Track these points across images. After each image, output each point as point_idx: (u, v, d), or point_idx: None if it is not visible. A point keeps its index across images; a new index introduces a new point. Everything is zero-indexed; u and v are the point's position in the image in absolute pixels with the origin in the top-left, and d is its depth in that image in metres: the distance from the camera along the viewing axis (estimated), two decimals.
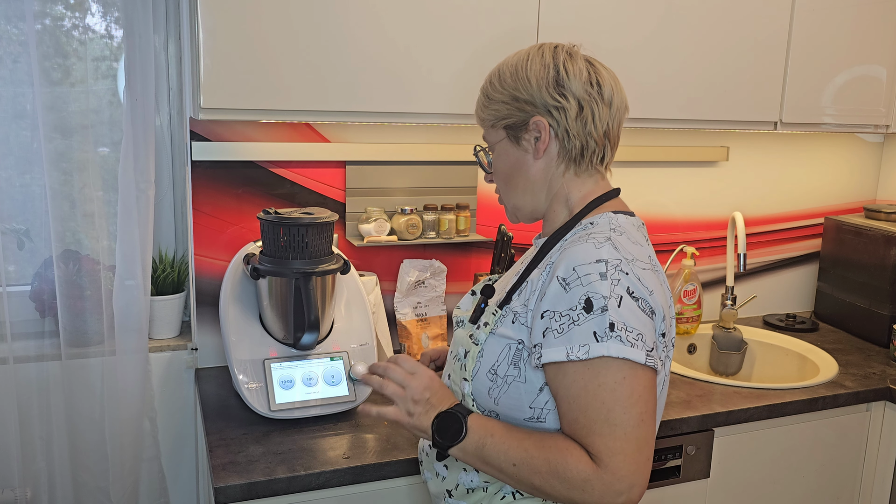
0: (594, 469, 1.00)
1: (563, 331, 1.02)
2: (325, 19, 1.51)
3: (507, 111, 1.15)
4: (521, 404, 1.10)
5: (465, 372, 1.15)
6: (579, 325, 1.01)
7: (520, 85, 1.14)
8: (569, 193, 1.17)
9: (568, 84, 1.11)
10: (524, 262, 1.23)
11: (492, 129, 1.20)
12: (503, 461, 1.06)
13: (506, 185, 1.21)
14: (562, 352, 1.02)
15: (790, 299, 2.53)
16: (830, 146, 2.48)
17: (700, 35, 1.85)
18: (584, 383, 1.01)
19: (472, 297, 1.30)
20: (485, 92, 1.20)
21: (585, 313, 1.01)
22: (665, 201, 2.29)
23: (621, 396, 1.00)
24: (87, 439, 1.79)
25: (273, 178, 1.85)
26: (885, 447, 1.95)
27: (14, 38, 1.73)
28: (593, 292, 1.01)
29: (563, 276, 1.04)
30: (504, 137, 1.18)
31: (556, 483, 1.02)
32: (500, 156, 1.20)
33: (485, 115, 1.20)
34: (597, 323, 1.01)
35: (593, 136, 1.13)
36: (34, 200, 1.78)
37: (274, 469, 1.38)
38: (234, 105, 1.50)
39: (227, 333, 1.62)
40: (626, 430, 1.00)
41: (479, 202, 2.05)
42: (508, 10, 1.64)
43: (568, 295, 1.03)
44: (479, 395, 1.14)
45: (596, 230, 1.10)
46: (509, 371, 1.10)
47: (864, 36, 2.05)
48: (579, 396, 1.02)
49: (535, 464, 1.04)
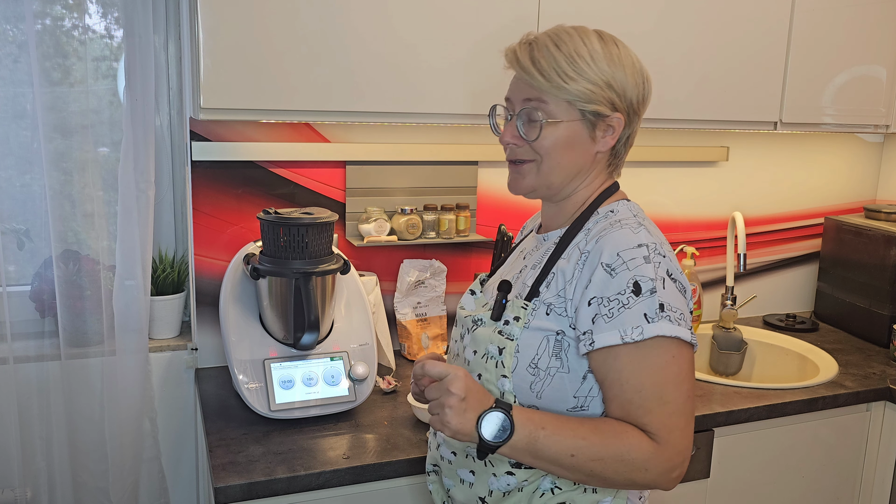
0: (654, 447, 1.03)
1: (614, 315, 1.04)
2: (325, 19, 1.51)
3: (595, 95, 1.10)
4: (565, 395, 1.10)
5: (503, 369, 1.12)
6: (630, 308, 1.04)
7: (616, 74, 1.11)
8: (594, 186, 1.18)
9: (648, 94, 1.16)
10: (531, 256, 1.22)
11: (565, 104, 1.10)
12: (559, 453, 1.04)
13: (551, 160, 1.14)
14: (615, 335, 1.04)
15: (790, 299, 2.53)
16: (830, 146, 2.48)
17: (700, 35, 1.85)
18: (636, 364, 1.04)
19: (473, 296, 1.29)
20: (572, 62, 1.09)
21: (635, 296, 1.04)
22: (665, 201, 2.29)
23: (672, 374, 1.04)
24: (87, 439, 1.79)
25: (273, 178, 1.85)
26: (885, 447, 1.95)
27: (14, 38, 1.73)
28: (640, 275, 1.04)
29: (607, 262, 1.06)
30: (578, 119, 1.11)
31: (618, 467, 1.04)
32: (561, 132, 1.12)
33: (570, 87, 1.09)
34: (647, 305, 1.03)
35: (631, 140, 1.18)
36: (34, 200, 1.78)
37: (274, 469, 1.38)
38: (234, 105, 1.50)
39: (227, 333, 1.62)
40: (678, 406, 1.04)
41: (479, 202, 2.05)
42: (508, 5, 1.64)
43: (615, 280, 1.05)
44: (520, 391, 1.11)
45: (621, 217, 1.13)
46: (551, 363, 1.09)
47: (864, 36, 2.05)
48: (632, 378, 1.04)
49: (595, 450, 1.04)
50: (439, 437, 1.23)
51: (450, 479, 1.22)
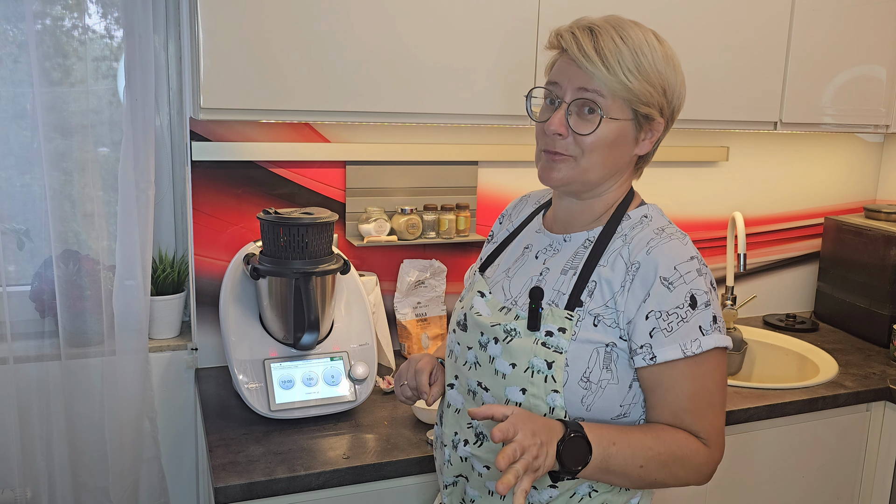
0: (707, 450, 1.08)
1: (673, 329, 1.06)
2: (325, 19, 1.51)
3: (651, 98, 1.08)
4: (613, 405, 1.10)
5: (553, 384, 1.08)
6: (687, 321, 1.06)
7: (670, 78, 1.10)
8: (624, 188, 1.18)
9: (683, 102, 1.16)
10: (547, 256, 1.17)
11: (622, 101, 1.07)
12: (629, 465, 1.05)
13: (594, 155, 1.09)
14: (676, 350, 1.06)
15: (790, 299, 2.53)
16: (830, 146, 2.48)
17: (700, 35, 1.85)
18: (692, 374, 1.07)
19: (484, 298, 1.20)
20: (635, 59, 1.06)
21: (692, 310, 1.06)
22: (665, 201, 2.26)
23: (718, 380, 1.09)
24: (87, 439, 1.79)
25: (273, 178, 1.85)
26: (885, 447, 1.95)
27: (14, 38, 1.73)
28: (696, 289, 1.06)
29: (665, 276, 1.06)
30: (630, 119, 1.09)
31: (679, 471, 1.07)
32: (610, 129, 1.08)
33: (633, 86, 1.06)
34: (702, 318, 1.06)
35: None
36: (34, 200, 1.78)
37: (274, 469, 1.38)
38: (234, 105, 1.50)
39: (227, 333, 1.62)
40: (721, 408, 1.11)
41: (479, 202, 2.05)
42: (508, 5, 1.64)
43: (673, 294, 1.06)
44: (570, 405, 1.08)
45: (661, 225, 1.13)
46: (603, 375, 1.08)
47: (864, 36, 2.05)
48: (686, 386, 1.07)
49: (662, 459, 1.06)
50: (467, 449, 1.17)
51: (476, 491, 1.17)
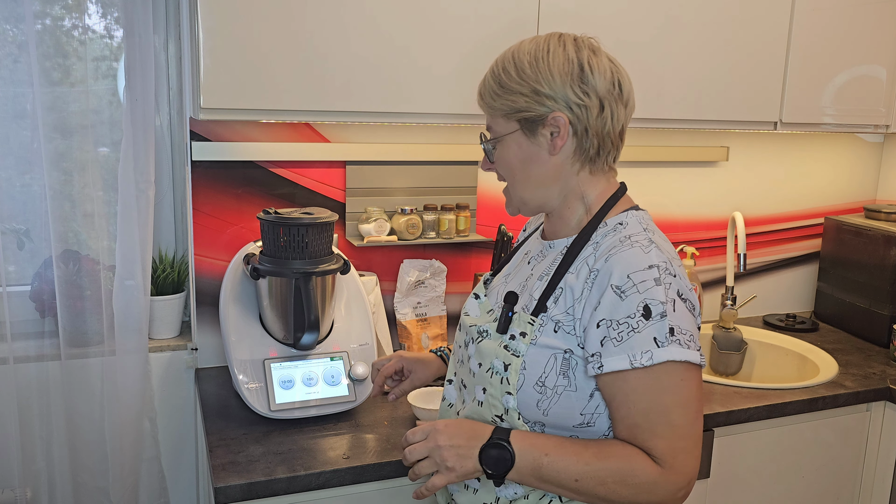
0: (659, 471, 1.03)
1: (623, 339, 1.03)
2: (325, 19, 1.51)
3: (525, 104, 1.10)
4: (572, 412, 1.08)
5: (507, 385, 1.10)
6: (639, 332, 1.02)
7: (541, 77, 1.08)
8: (585, 191, 1.15)
9: (592, 81, 1.09)
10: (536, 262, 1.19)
11: (502, 119, 1.13)
12: (564, 478, 1.05)
13: (513, 177, 1.16)
14: (624, 360, 1.02)
15: (790, 299, 2.53)
16: (830, 146, 2.48)
17: (700, 35, 1.85)
18: (644, 388, 1.03)
19: (478, 301, 1.26)
20: (497, 80, 1.13)
21: (645, 320, 1.02)
22: (665, 201, 2.29)
23: (681, 398, 1.04)
24: (87, 439, 1.79)
25: (273, 178, 1.85)
26: (885, 447, 1.95)
27: (14, 38, 1.73)
28: (651, 299, 1.02)
29: (617, 285, 1.03)
30: (517, 129, 1.12)
31: (622, 490, 1.03)
32: (510, 147, 1.14)
33: (496, 104, 1.13)
34: (657, 329, 1.02)
35: (611, 135, 1.12)
36: (34, 200, 1.77)
37: (274, 469, 1.38)
38: (234, 105, 1.50)
39: (227, 333, 1.62)
40: (685, 429, 1.04)
41: (479, 202, 2.05)
42: (508, 5, 1.64)
43: (625, 303, 1.03)
44: (525, 408, 1.10)
45: (631, 231, 1.09)
46: (559, 381, 1.08)
47: (864, 36, 2.05)
48: (640, 401, 1.03)
49: (601, 475, 1.04)
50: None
51: (454, 485, 1.20)
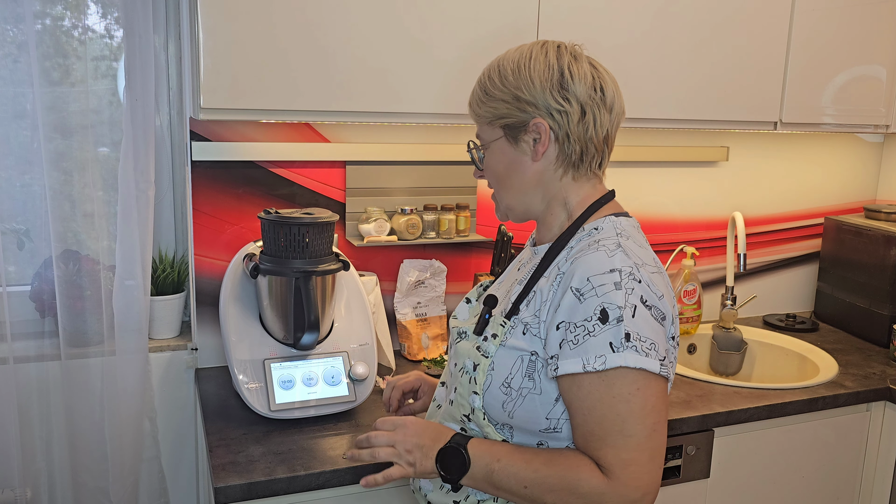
0: (606, 482, 1.02)
1: (579, 342, 1.02)
2: (325, 19, 1.51)
3: (506, 110, 1.12)
4: (537, 416, 1.09)
5: (475, 385, 1.12)
6: (595, 336, 1.01)
7: (522, 84, 1.10)
8: (567, 197, 1.15)
9: (572, 87, 1.09)
10: (523, 269, 1.21)
11: (488, 127, 1.16)
12: (513, 484, 1.07)
13: (499, 184, 1.19)
14: (578, 363, 1.02)
15: (790, 299, 2.53)
16: (830, 146, 2.48)
17: (700, 35, 1.85)
18: (599, 395, 1.02)
19: (468, 305, 1.28)
20: (483, 87, 1.15)
21: (601, 324, 1.01)
22: (665, 201, 2.29)
23: (636, 407, 1.01)
24: (87, 439, 1.79)
25: (273, 178, 1.85)
26: (885, 447, 1.95)
27: (14, 38, 1.73)
28: (608, 303, 1.01)
29: (577, 287, 1.04)
30: (501, 136, 1.14)
31: (571, 500, 1.03)
32: (496, 154, 1.16)
33: (481, 112, 1.16)
34: (613, 333, 1.01)
35: (594, 141, 1.12)
36: (34, 200, 1.77)
37: (274, 469, 1.38)
38: (233, 105, 1.50)
39: (227, 333, 1.62)
40: (639, 441, 1.01)
41: (479, 202, 2.05)
42: (507, 6, 1.64)
43: (583, 306, 1.02)
44: (491, 409, 1.12)
45: (603, 236, 1.09)
46: (524, 383, 1.08)
47: (864, 36, 2.05)
48: (594, 408, 1.02)
49: (549, 482, 1.04)
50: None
51: (428, 483, 1.22)
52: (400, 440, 1.14)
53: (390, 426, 1.17)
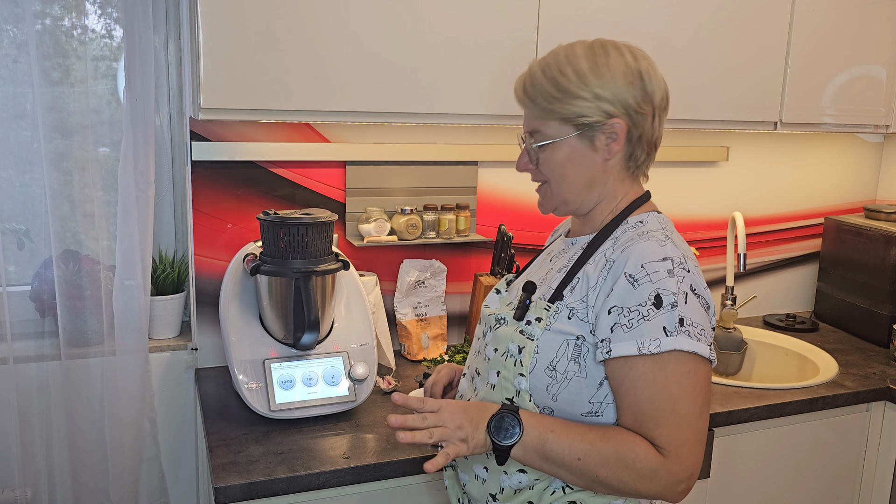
0: (661, 459, 1.04)
1: (633, 326, 1.05)
2: (325, 19, 1.51)
3: (586, 109, 1.11)
4: (581, 399, 1.10)
5: (521, 367, 1.13)
6: (649, 320, 1.04)
7: (605, 83, 1.10)
8: (618, 194, 1.18)
9: (651, 91, 1.12)
10: (557, 259, 1.22)
11: (556, 123, 1.13)
12: (567, 456, 1.07)
13: (562, 179, 1.17)
14: (632, 346, 1.04)
15: (790, 299, 2.53)
16: (830, 146, 2.48)
17: (700, 35, 1.85)
18: (652, 376, 1.05)
19: (498, 295, 1.29)
20: (554, 83, 1.12)
21: (655, 309, 1.05)
22: (665, 201, 2.27)
23: (687, 388, 1.05)
24: (87, 439, 1.79)
25: (273, 178, 1.85)
26: (885, 447, 1.95)
27: (14, 38, 1.73)
28: (663, 289, 1.05)
29: (631, 273, 1.06)
30: (574, 134, 1.13)
31: (623, 474, 1.05)
32: (562, 150, 1.14)
33: (554, 108, 1.12)
34: (667, 318, 1.04)
35: (654, 143, 1.16)
36: (34, 200, 1.78)
37: (274, 469, 1.38)
38: (234, 105, 1.50)
39: (227, 333, 1.62)
40: (689, 421, 1.05)
41: (479, 202, 2.05)
42: (508, 8, 1.64)
43: (637, 291, 1.05)
44: (536, 392, 1.13)
45: (649, 228, 1.13)
46: (569, 367, 1.10)
47: (864, 36, 2.05)
48: (646, 389, 1.05)
49: (603, 455, 1.05)
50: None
51: (466, 474, 1.23)
52: (447, 418, 1.10)
53: (433, 406, 1.12)
